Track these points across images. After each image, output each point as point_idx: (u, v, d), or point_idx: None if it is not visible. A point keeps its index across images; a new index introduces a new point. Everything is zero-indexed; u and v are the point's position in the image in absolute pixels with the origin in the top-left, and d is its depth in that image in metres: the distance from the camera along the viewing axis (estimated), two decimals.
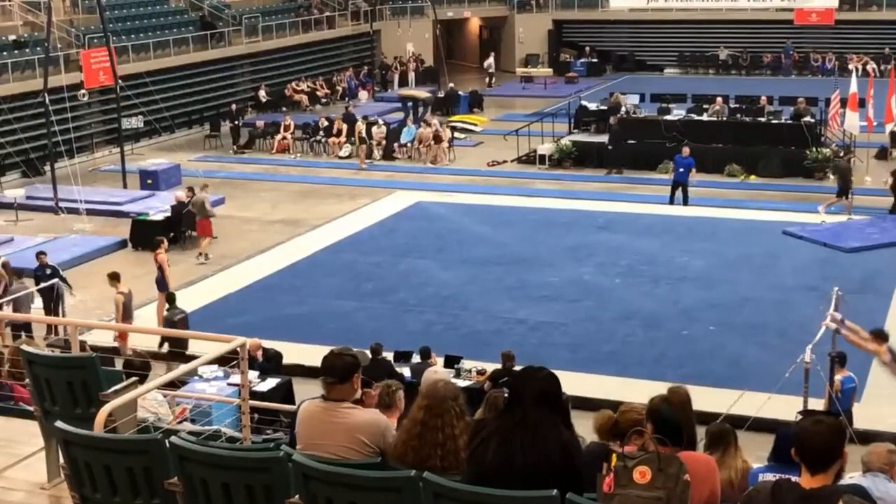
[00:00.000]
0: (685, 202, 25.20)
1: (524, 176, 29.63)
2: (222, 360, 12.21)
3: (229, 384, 14.01)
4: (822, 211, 23.66)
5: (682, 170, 25.13)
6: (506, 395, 5.92)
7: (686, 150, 25.45)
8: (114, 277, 17.43)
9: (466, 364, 15.61)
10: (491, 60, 44.80)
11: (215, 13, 39.60)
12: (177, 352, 15.00)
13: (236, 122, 34.15)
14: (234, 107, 35.61)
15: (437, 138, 31.32)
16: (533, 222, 24.46)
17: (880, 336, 12.47)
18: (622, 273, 20.88)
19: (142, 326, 17.60)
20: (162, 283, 18.83)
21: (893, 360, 11.17)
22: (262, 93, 39.19)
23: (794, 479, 4.46)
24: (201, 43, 37.48)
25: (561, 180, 28.83)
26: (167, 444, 5.61)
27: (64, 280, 18.53)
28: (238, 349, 7.56)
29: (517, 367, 13.46)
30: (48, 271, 18.52)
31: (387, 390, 6.98)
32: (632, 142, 29.72)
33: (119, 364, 11.56)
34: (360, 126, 32.03)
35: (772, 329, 17.53)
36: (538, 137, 30.81)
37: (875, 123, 27.55)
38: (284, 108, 37.08)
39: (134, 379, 7.40)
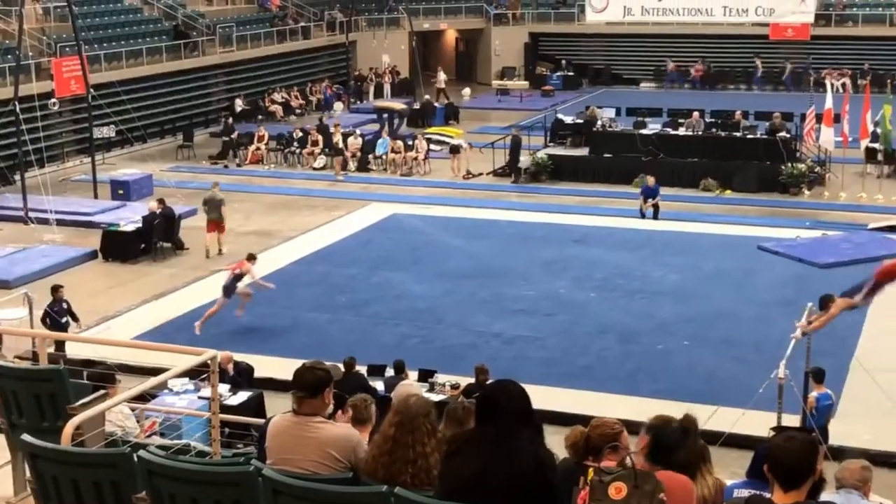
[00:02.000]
0: (655, 217, 25.23)
1: (500, 189, 29.59)
2: (193, 373, 12.08)
3: (200, 397, 13.88)
4: None
5: (649, 200, 25.17)
6: (465, 406, 5.85)
7: (651, 180, 25.54)
8: None
9: (440, 378, 15.50)
10: (442, 76, 44.57)
11: (189, 22, 39.43)
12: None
13: (231, 137, 33.78)
14: (230, 120, 35.34)
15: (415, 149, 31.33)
16: (508, 235, 24.41)
17: (829, 299, 12.35)
18: (597, 287, 20.84)
19: (107, 338, 17.29)
20: (230, 289, 18.79)
21: (853, 293, 11.06)
22: (238, 102, 39.01)
23: (766, 495, 4.42)
24: (175, 52, 37.29)
25: (537, 193, 28.80)
26: (135, 458, 5.54)
27: (73, 315, 17.90)
28: (208, 362, 7.47)
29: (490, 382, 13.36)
30: (65, 305, 17.81)
31: (362, 404, 6.91)
32: (608, 155, 29.76)
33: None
34: (337, 137, 31.93)
35: (746, 344, 17.51)
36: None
37: (850, 139, 27.68)
38: (260, 117, 36.87)
39: (102, 392, 7.28)
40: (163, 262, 23.17)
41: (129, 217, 24.86)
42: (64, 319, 17.55)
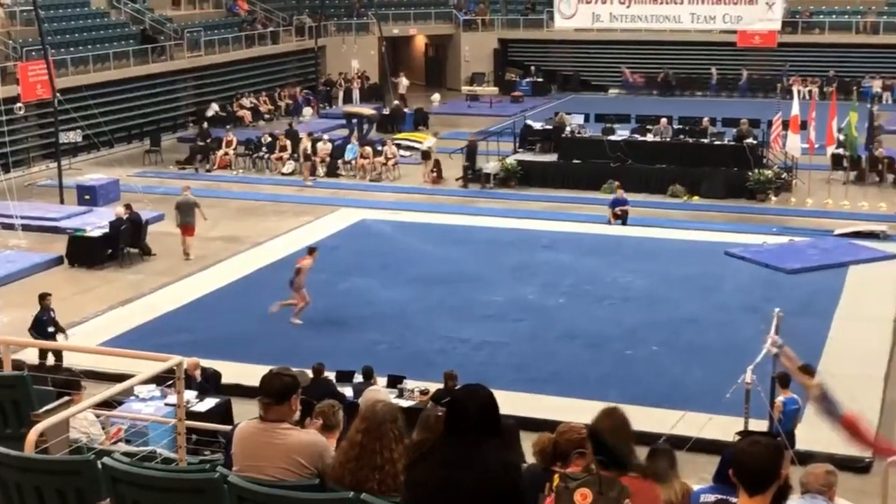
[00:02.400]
0: (624, 223, 25.35)
1: (469, 195, 29.59)
2: (160, 380, 12.00)
3: (167, 404, 13.78)
4: None
5: (618, 210, 25.29)
6: (440, 413, 5.84)
7: (620, 192, 25.70)
8: None
9: (409, 384, 15.50)
10: (404, 81, 44.48)
11: (157, 27, 39.22)
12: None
13: (207, 141, 33.56)
14: (205, 125, 35.12)
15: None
16: (477, 241, 24.41)
17: (807, 370, 12.51)
18: (566, 293, 20.87)
19: (73, 344, 17.14)
20: (292, 283, 19.20)
21: (823, 400, 11.20)
22: (215, 107, 38.83)
23: (733, 500, 4.43)
24: (142, 57, 37.05)
25: (506, 199, 28.83)
26: (99, 465, 5.50)
27: (58, 326, 17.58)
28: (174, 368, 7.44)
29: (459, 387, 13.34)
30: (52, 314, 17.49)
31: (330, 410, 6.90)
32: (576, 161, 29.85)
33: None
34: (305, 142, 31.84)
35: (714, 350, 17.58)
36: (483, 156, 30.81)
37: (816, 146, 27.89)
38: (228, 126, 36.67)
39: (66, 398, 7.22)
40: (129, 267, 23.00)
41: (96, 222, 24.67)
42: (50, 329, 17.27)
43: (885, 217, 25.69)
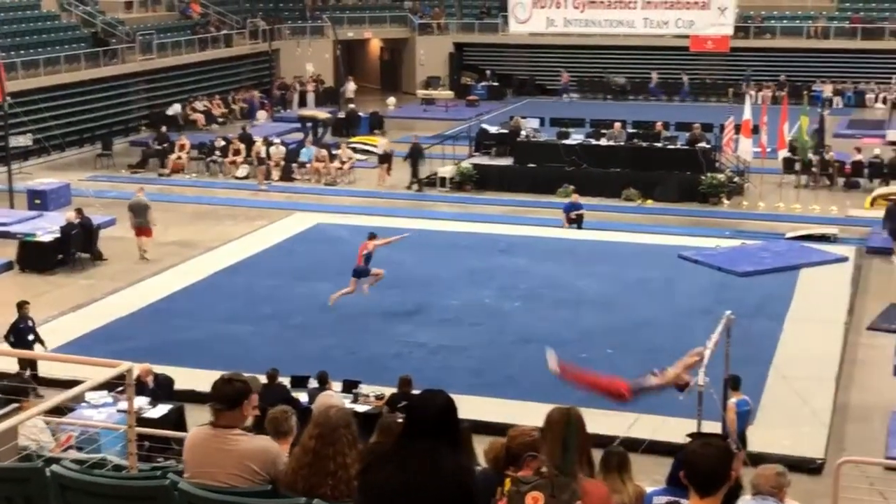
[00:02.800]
0: (579, 227, 25.44)
1: (425, 198, 29.56)
2: (111, 386, 11.88)
3: (119, 411, 13.65)
4: None
5: (573, 214, 25.40)
6: (399, 419, 5.82)
7: (575, 196, 25.78)
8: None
9: (365, 389, 15.45)
10: (351, 86, 44.37)
11: (108, 29, 38.87)
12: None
13: (164, 146, 33.24)
14: (163, 129, 34.83)
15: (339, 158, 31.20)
16: (433, 245, 24.36)
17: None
18: (522, 296, 20.90)
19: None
20: (363, 271, 19.64)
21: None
22: (176, 107, 38.53)
23: (684, 502, 4.47)
24: (94, 60, 36.70)
25: (462, 203, 28.84)
26: (48, 473, 5.44)
27: (37, 335, 17.22)
28: (124, 374, 7.36)
29: (416, 392, 13.34)
30: (30, 323, 17.16)
31: (282, 416, 6.86)
32: (532, 165, 29.93)
33: None
34: (260, 146, 31.67)
35: (668, 352, 17.50)
36: (439, 160, 30.82)
37: (768, 150, 28.15)
38: (181, 134, 36.36)
39: (15, 405, 7.13)
40: (81, 272, 22.76)
41: (47, 227, 24.37)
42: (30, 337, 16.93)
43: (835, 220, 25.99)
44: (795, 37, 45.11)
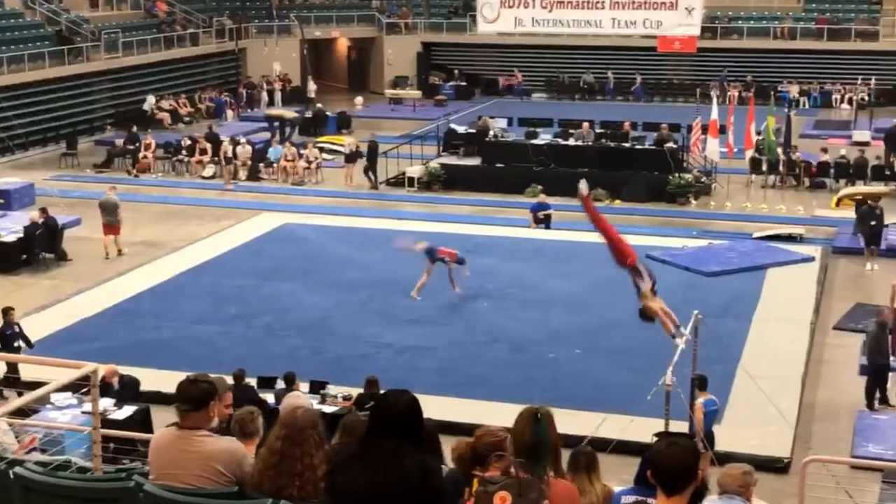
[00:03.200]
0: (547, 227, 25.45)
1: (393, 198, 29.50)
2: (76, 388, 11.76)
3: (83, 412, 13.52)
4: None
5: (541, 216, 25.43)
6: (362, 419, 5.80)
7: (542, 196, 25.81)
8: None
9: (332, 389, 15.39)
10: (312, 86, 44.28)
11: (73, 28, 38.50)
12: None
13: (136, 144, 32.91)
14: (133, 128, 34.55)
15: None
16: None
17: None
18: (490, 296, 20.88)
19: None
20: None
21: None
22: (151, 99, 38.29)
23: (652, 501, 4.51)
24: (58, 58, 36.34)
25: (430, 203, 28.79)
26: (12, 475, 5.38)
27: (26, 339, 16.88)
28: (89, 376, 7.29)
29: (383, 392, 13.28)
30: (17, 328, 16.72)
31: (248, 417, 6.83)
32: (500, 165, 29.93)
33: None
34: (227, 146, 31.49)
35: (636, 352, 17.67)
36: (407, 160, 30.76)
37: (735, 150, 28.28)
38: (148, 131, 36.12)
39: None
40: (45, 273, 22.55)
41: (10, 227, 24.07)
42: (16, 343, 16.59)
43: (802, 220, 26.15)
44: (762, 37, 45.42)
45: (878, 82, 40.69)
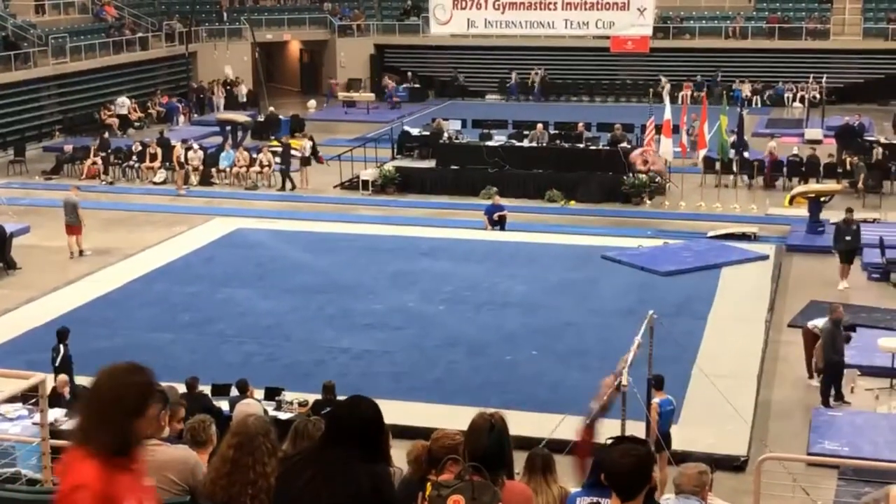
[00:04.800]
0: (502, 228, 25.41)
1: (347, 202, 29.35)
2: (26, 398, 11.56)
3: (34, 423, 13.27)
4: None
5: (496, 218, 25.42)
6: (313, 422, 5.72)
7: (496, 198, 25.82)
8: None
9: (288, 396, 15.23)
10: (243, 89, 44.10)
11: (20, 33, 37.94)
12: None
13: (108, 152, 32.46)
14: (105, 134, 34.04)
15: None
16: (356, 249, 24.19)
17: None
18: (446, 300, 20.81)
19: None
20: None
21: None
22: (126, 101, 38.12)
23: (606, 502, 4.65)
24: (4, 64, 35.78)
25: (384, 206, 28.68)
26: None
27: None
28: (37, 386, 7.16)
29: (340, 398, 13.15)
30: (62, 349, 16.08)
31: (200, 426, 6.75)
32: (454, 167, 29.87)
33: None
34: (178, 150, 31.17)
35: (592, 353, 17.67)
36: (361, 163, 30.61)
37: (689, 149, 28.38)
38: (107, 135, 35.58)
39: None
40: None
41: None
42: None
43: (755, 219, 26.31)
44: (714, 37, 45.74)
45: (830, 81, 41.07)
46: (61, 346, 16.06)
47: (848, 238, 21.61)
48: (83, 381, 15.22)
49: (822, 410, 15.69)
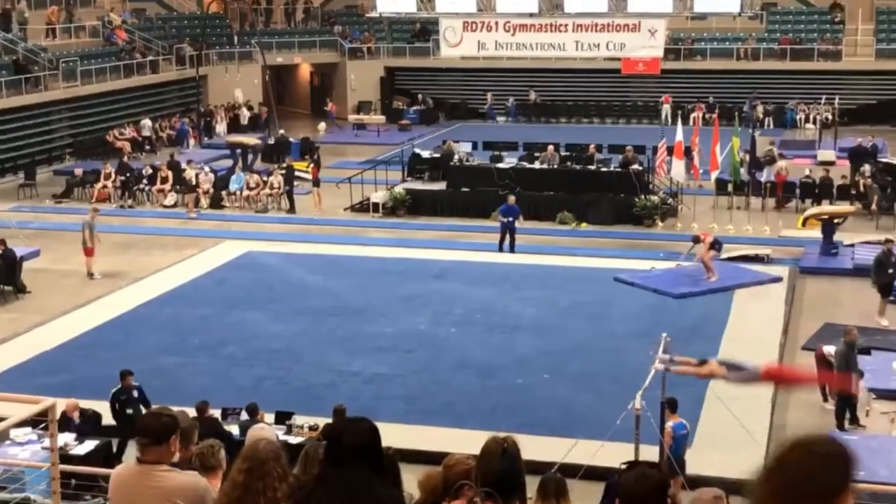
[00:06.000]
0: (512, 249, 25.28)
1: (357, 224, 29.29)
2: (36, 423, 11.51)
3: (44, 448, 13.23)
4: None
5: (511, 219, 25.22)
6: (321, 448, 5.67)
7: (511, 199, 25.65)
8: None
9: (298, 420, 15.15)
10: (244, 111, 44.20)
11: (30, 56, 38.04)
12: None
13: (127, 175, 32.40)
14: (125, 158, 34.08)
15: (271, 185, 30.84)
16: (366, 272, 24.10)
17: (703, 362, 12.53)
18: (457, 322, 20.70)
19: None
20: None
21: (732, 370, 11.30)
22: (147, 122, 38.29)
23: None
24: (15, 87, 35.90)
25: (395, 228, 28.61)
26: None
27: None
28: (47, 411, 7.13)
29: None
30: (135, 393, 15.31)
31: (209, 451, 6.67)
32: (465, 190, 29.80)
33: None
34: (189, 173, 31.16)
35: (604, 376, 17.56)
36: (371, 185, 30.57)
37: (701, 171, 28.28)
38: (122, 160, 35.43)
39: None
40: (3, 306, 22.17)
41: None
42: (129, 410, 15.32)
43: (768, 241, 26.15)
44: (725, 58, 45.69)
45: (842, 102, 40.97)
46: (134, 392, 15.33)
47: (891, 271, 20.73)
48: (93, 405, 15.17)
49: (837, 434, 15.53)
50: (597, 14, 32.83)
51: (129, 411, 15.03)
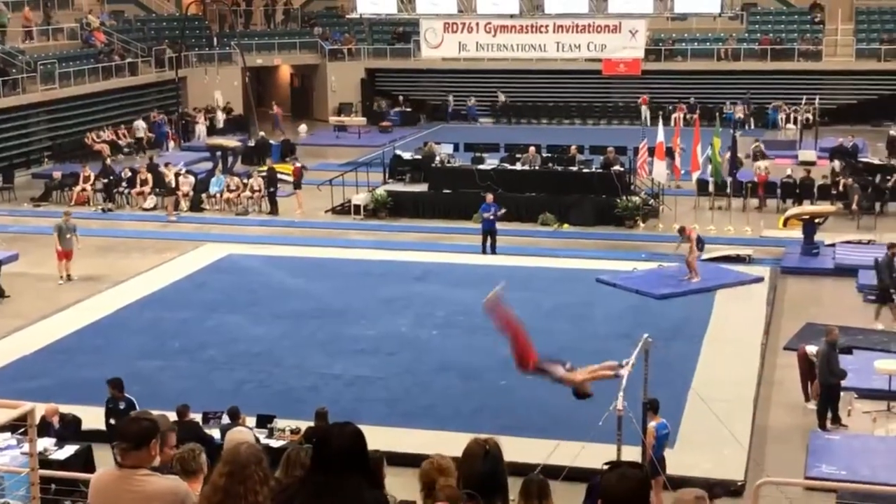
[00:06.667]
0: (493, 250, 25.24)
1: (339, 226, 29.21)
2: (14, 428, 11.42)
3: (23, 453, 13.10)
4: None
5: (490, 216, 25.18)
6: (306, 450, 5.65)
7: (490, 197, 25.60)
8: None
9: (280, 423, 15.06)
10: (220, 115, 44.23)
11: (7, 59, 37.79)
12: None
13: (110, 178, 32.24)
14: (107, 161, 33.87)
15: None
16: (348, 274, 24.04)
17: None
18: (439, 324, 20.66)
19: None
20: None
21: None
22: (142, 124, 37.90)
23: None
24: None
25: (376, 231, 28.54)
26: None
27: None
28: (26, 416, 7.08)
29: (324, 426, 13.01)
30: (121, 405, 14.71)
31: (190, 455, 6.63)
32: (447, 191, 29.76)
33: None
34: (169, 176, 31.01)
35: None
36: (353, 187, 30.49)
37: (682, 172, 28.30)
38: (105, 163, 35.22)
39: None
40: None
41: None
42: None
43: (750, 241, 26.20)
44: (706, 59, 45.82)
45: (823, 102, 41.12)
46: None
47: (895, 275, 20.50)
48: (73, 409, 15.05)
49: (820, 434, 15.56)
50: (577, 15, 32.86)
51: (112, 421, 14.71)
